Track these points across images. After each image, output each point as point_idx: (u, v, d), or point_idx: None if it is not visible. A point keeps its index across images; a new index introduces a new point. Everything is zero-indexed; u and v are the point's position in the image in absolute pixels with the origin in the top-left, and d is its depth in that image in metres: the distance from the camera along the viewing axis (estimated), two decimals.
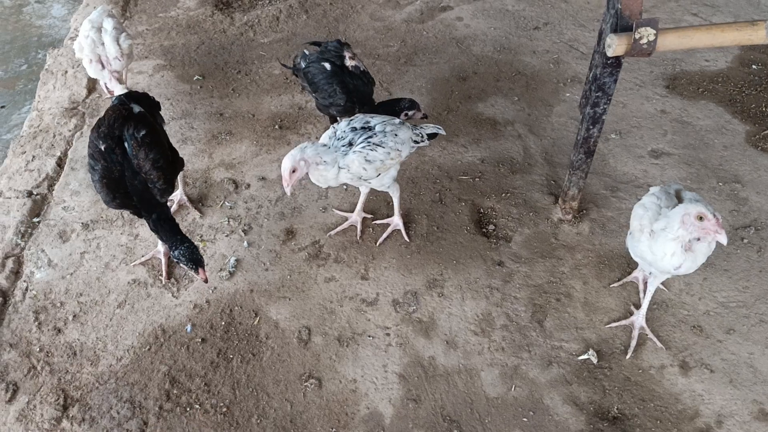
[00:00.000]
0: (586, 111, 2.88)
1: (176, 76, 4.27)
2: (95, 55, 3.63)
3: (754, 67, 4.15)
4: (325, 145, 2.84)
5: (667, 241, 2.45)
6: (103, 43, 3.64)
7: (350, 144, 2.85)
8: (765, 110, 3.88)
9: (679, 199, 2.62)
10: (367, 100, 3.34)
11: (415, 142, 3.04)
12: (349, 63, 3.34)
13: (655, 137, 3.75)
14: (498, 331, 2.95)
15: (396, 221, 3.33)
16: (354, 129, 2.88)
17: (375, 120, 2.94)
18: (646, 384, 2.76)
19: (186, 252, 2.81)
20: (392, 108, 3.29)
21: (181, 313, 3.05)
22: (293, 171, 2.74)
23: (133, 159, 2.81)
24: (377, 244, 3.27)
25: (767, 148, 3.66)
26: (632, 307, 2.98)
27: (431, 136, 3.16)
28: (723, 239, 2.35)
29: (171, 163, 2.97)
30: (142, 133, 2.84)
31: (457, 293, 3.10)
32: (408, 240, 3.27)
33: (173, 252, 2.83)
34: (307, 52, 3.44)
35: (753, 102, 3.93)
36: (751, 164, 3.57)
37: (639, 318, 2.89)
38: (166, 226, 2.87)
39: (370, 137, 2.85)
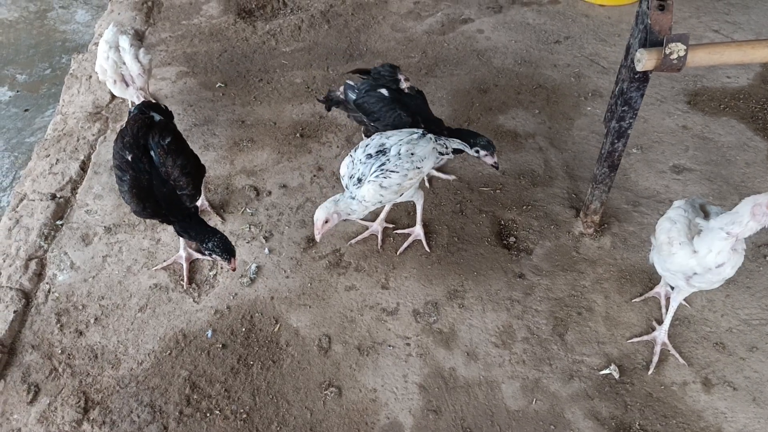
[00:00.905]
0: (611, 125, 2.88)
1: (199, 83, 4.30)
2: (119, 75, 3.63)
3: None
4: (354, 198, 2.83)
5: (715, 240, 2.41)
6: (124, 63, 3.64)
7: (359, 180, 2.81)
8: None
9: (705, 213, 2.61)
10: (431, 118, 3.24)
11: (440, 153, 3.01)
12: (404, 85, 3.27)
13: (677, 153, 3.74)
14: (519, 343, 2.94)
15: (417, 231, 3.32)
16: (369, 156, 2.83)
17: (391, 140, 2.87)
18: (668, 400, 2.74)
19: (219, 243, 2.86)
20: (468, 138, 3.15)
21: (202, 318, 3.06)
22: (326, 221, 2.80)
23: (161, 167, 2.82)
24: (398, 253, 3.27)
25: None
26: (654, 323, 2.97)
27: (456, 151, 3.10)
28: None
29: (198, 168, 2.99)
30: (168, 140, 2.87)
31: (478, 305, 3.09)
32: (429, 250, 3.27)
33: (206, 244, 2.86)
34: (351, 83, 3.29)
35: None
36: None
37: (661, 334, 2.87)
38: (194, 224, 2.90)
39: (383, 164, 2.79)
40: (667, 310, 2.96)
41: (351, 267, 3.25)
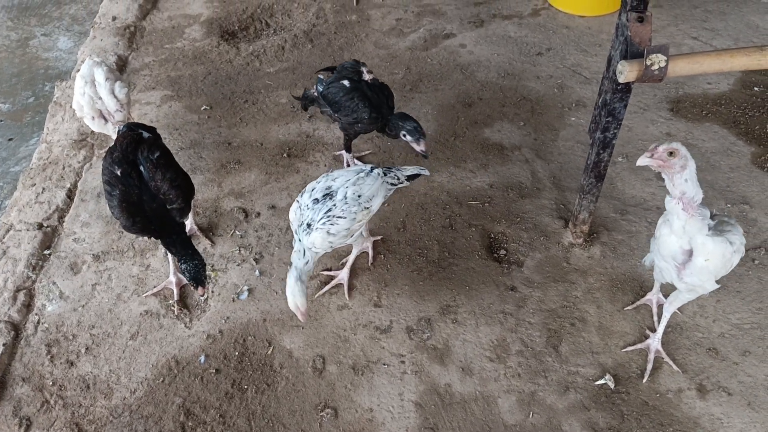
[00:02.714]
0: (596, 136, 2.90)
1: (184, 106, 4.30)
2: (96, 111, 3.51)
3: (756, 89, 4.19)
4: (308, 263, 2.77)
5: (671, 209, 2.46)
6: (100, 98, 3.50)
7: (309, 226, 2.75)
8: None
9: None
10: (384, 107, 3.35)
11: (392, 184, 2.97)
12: (367, 77, 3.39)
13: None
14: (513, 357, 2.94)
15: (342, 275, 3.22)
16: (316, 201, 2.77)
17: (337, 182, 2.82)
18: (664, 408, 2.74)
19: (191, 268, 2.86)
20: (397, 122, 3.27)
21: (195, 343, 3.04)
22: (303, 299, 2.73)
23: (150, 181, 2.84)
24: (315, 296, 3.19)
25: None
26: (647, 331, 2.98)
27: (412, 177, 3.07)
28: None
29: (187, 182, 3.00)
30: (157, 154, 2.89)
31: (471, 319, 3.09)
32: (347, 298, 3.17)
33: (181, 263, 2.86)
34: (321, 77, 3.48)
35: (757, 123, 3.97)
36: (759, 185, 3.59)
37: (654, 342, 2.88)
38: (179, 241, 2.90)
39: (330, 210, 2.74)
40: (659, 317, 2.98)
41: (342, 285, 3.24)
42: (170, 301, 3.20)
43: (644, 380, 2.82)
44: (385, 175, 2.94)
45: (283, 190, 3.72)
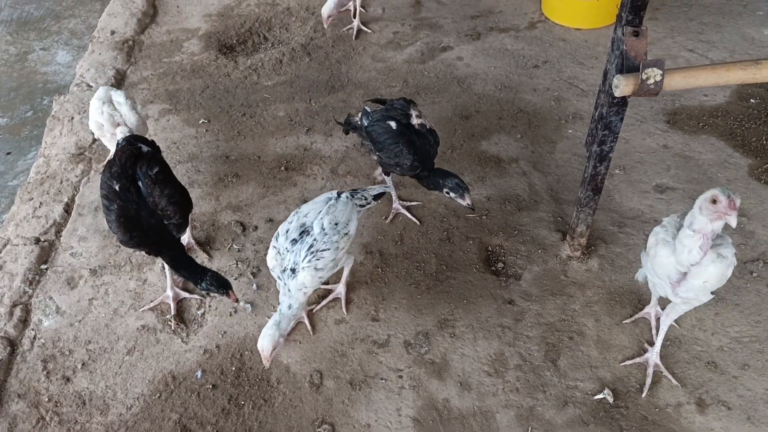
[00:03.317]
0: (593, 149, 2.91)
1: (182, 120, 4.30)
2: (112, 129, 3.40)
3: (752, 101, 4.20)
4: (291, 307, 2.70)
5: (685, 238, 2.41)
6: (121, 116, 3.43)
7: (293, 270, 2.68)
8: (766, 144, 3.91)
9: None
10: (431, 160, 3.22)
11: (361, 206, 2.95)
12: (415, 121, 3.22)
13: (659, 172, 3.78)
14: (512, 371, 2.93)
15: (339, 290, 3.20)
16: (294, 242, 2.71)
17: (310, 216, 2.77)
18: (663, 423, 2.73)
19: (213, 280, 2.85)
20: (438, 180, 3.14)
21: (191, 358, 3.02)
22: (274, 349, 2.63)
23: (148, 197, 2.84)
24: (313, 311, 3.17)
25: None
26: (646, 345, 2.97)
27: (378, 196, 3.06)
28: (732, 221, 2.28)
29: (185, 198, 2.99)
30: (155, 170, 2.89)
31: (469, 333, 3.08)
32: (345, 313, 3.16)
33: (201, 285, 2.85)
34: (369, 110, 3.33)
35: (753, 135, 3.97)
36: (756, 198, 3.59)
37: (653, 355, 2.87)
38: (185, 263, 2.89)
39: (312, 245, 2.68)
40: (657, 330, 2.97)
41: (340, 300, 3.23)
42: (167, 316, 3.19)
43: (643, 394, 2.81)
44: (353, 197, 2.91)
45: (280, 203, 3.72)
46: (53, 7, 5.76)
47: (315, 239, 2.69)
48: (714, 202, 2.30)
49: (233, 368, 2.98)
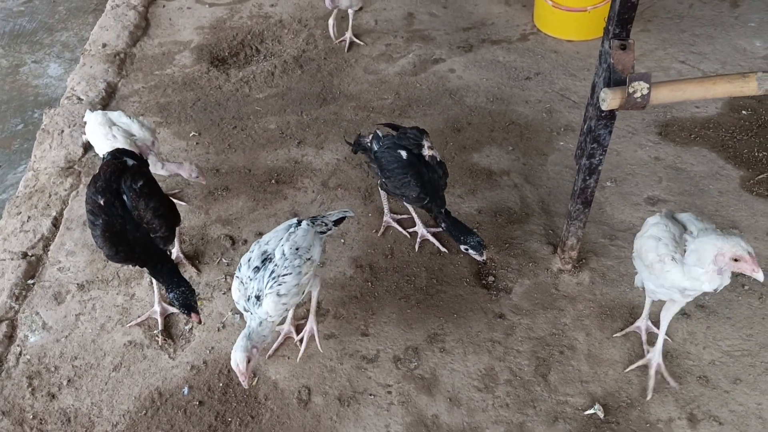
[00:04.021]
0: (582, 162, 2.89)
1: (172, 132, 4.29)
2: (136, 149, 3.33)
3: (744, 112, 4.20)
4: (261, 323, 2.61)
5: (702, 275, 2.43)
6: (132, 134, 3.37)
7: (258, 298, 2.60)
8: (758, 155, 3.91)
9: (681, 224, 2.66)
10: (439, 193, 3.17)
11: (322, 232, 2.89)
12: (426, 152, 3.17)
13: (650, 184, 3.77)
14: (502, 386, 2.90)
15: (310, 326, 3.05)
16: (257, 269, 2.64)
17: (271, 244, 2.71)
18: None
19: (180, 296, 2.79)
20: (459, 235, 3.08)
21: (178, 375, 2.99)
22: (248, 362, 2.53)
23: (133, 210, 2.81)
24: (298, 359, 3.02)
25: (762, 193, 3.67)
26: (646, 346, 2.94)
27: (338, 222, 3.01)
28: (760, 276, 2.32)
29: (171, 211, 2.97)
30: (140, 183, 2.86)
31: (459, 348, 3.05)
32: (320, 350, 3.03)
33: (169, 293, 2.80)
34: (380, 134, 3.28)
35: (745, 147, 3.97)
36: (748, 210, 3.58)
37: (656, 355, 2.86)
38: (165, 270, 2.85)
39: (273, 271, 2.61)
40: (649, 344, 2.95)
41: (329, 314, 3.21)
42: (155, 331, 3.15)
43: (647, 398, 2.80)
44: (314, 224, 2.86)
45: (270, 216, 3.70)
46: (46, 20, 5.76)
47: (276, 265, 2.63)
48: (736, 260, 2.34)
49: (220, 384, 2.95)
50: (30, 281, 3.39)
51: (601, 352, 3.01)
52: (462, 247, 3.09)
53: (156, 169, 3.41)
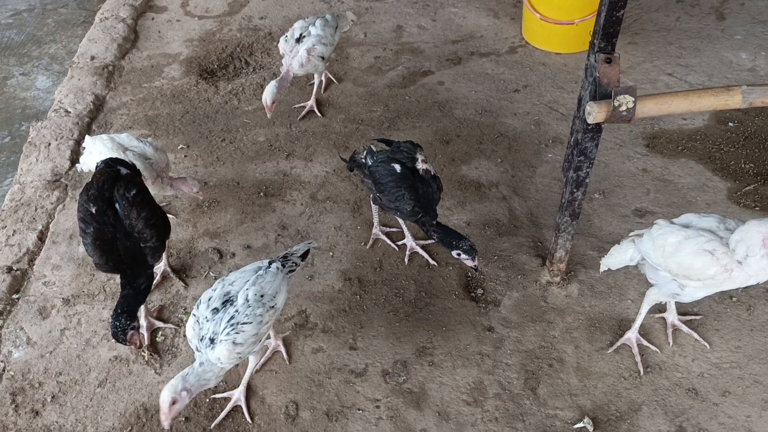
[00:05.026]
0: (569, 175, 2.90)
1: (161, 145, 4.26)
2: (153, 172, 3.30)
3: (731, 124, 4.23)
4: (202, 365, 2.49)
5: (756, 261, 2.47)
6: (148, 158, 3.30)
7: (212, 341, 2.48)
8: (744, 167, 3.93)
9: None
10: (432, 207, 3.14)
11: (291, 271, 2.80)
12: (420, 166, 3.13)
13: (638, 196, 3.78)
14: (491, 400, 2.88)
15: (237, 396, 2.86)
16: (215, 311, 2.52)
17: (236, 286, 2.59)
18: None
19: (115, 327, 2.68)
20: (451, 240, 3.04)
21: None
22: (173, 403, 2.39)
23: (125, 219, 2.79)
24: (211, 426, 2.83)
25: (749, 204, 3.69)
26: (637, 357, 2.99)
27: (304, 256, 2.91)
28: None
29: (163, 221, 2.94)
30: (133, 192, 2.84)
31: (448, 361, 3.04)
32: (250, 421, 2.83)
33: (111, 315, 2.71)
34: (374, 149, 3.26)
35: (732, 159, 3.99)
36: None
37: (671, 316, 3.04)
38: (130, 297, 2.76)
39: (233, 317, 2.49)
40: (640, 357, 2.96)
41: (318, 328, 3.19)
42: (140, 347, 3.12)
43: (670, 345, 3.00)
44: (284, 266, 2.75)
45: (259, 229, 3.68)
46: (34, 33, 5.74)
47: (237, 310, 2.50)
48: None
49: (207, 400, 2.92)
50: (14, 296, 3.36)
51: (590, 364, 3.00)
52: (454, 253, 3.05)
53: (164, 190, 3.39)
